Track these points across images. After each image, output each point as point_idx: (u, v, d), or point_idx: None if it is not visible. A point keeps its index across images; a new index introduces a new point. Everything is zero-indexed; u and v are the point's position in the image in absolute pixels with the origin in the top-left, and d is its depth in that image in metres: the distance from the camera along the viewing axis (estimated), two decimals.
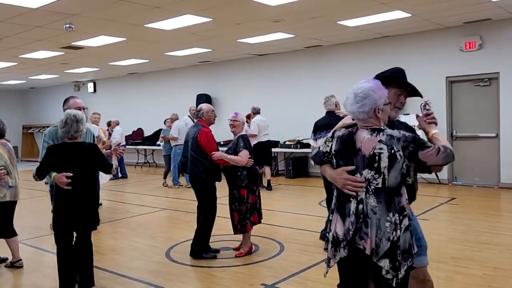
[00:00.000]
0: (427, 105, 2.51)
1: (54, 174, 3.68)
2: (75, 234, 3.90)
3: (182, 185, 10.31)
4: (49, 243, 5.65)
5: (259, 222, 5.08)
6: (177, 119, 10.61)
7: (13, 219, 4.89)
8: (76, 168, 3.71)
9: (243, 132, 5.10)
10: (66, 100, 4.36)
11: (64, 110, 4.11)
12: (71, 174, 3.66)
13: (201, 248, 4.95)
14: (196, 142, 4.90)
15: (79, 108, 4.16)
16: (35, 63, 12.17)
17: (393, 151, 2.22)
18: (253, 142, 9.53)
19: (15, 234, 4.87)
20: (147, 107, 15.29)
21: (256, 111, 10.05)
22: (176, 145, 10.11)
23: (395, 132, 2.27)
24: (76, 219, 3.74)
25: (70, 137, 3.74)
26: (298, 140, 11.16)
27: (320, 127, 5.80)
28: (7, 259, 4.98)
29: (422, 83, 9.74)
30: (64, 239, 3.82)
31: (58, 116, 10.64)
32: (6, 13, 7.00)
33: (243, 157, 4.82)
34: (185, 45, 10.33)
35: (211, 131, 5.08)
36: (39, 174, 3.76)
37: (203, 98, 13.25)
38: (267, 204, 7.15)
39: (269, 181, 9.55)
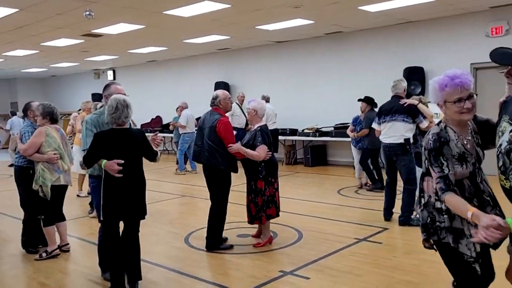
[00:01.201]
0: None
1: (104, 161, 3.55)
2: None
3: (188, 171, 10.70)
4: (74, 229, 5.75)
5: (277, 215, 4.92)
6: (187, 107, 10.76)
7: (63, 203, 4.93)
8: (126, 155, 3.57)
9: (262, 123, 4.88)
10: (107, 86, 4.14)
11: (105, 96, 3.98)
12: (123, 161, 3.53)
13: (217, 240, 4.85)
14: (214, 132, 4.67)
15: (121, 94, 3.90)
16: (55, 51, 12.30)
17: (421, 145, 2.54)
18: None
19: (64, 219, 4.92)
20: (165, 94, 15.34)
21: (266, 99, 10.16)
22: (185, 133, 10.42)
23: (431, 134, 2.39)
24: (126, 208, 3.62)
25: (120, 123, 3.59)
26: (317, 128, 11.06)
27: (385, 112, 5.68)
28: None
29: (446, 70, 9.56)
30: (114, 228, 3.71)
31: (78, 104, 10.67)
32: (27, 0, 7.05)
33: (260, 153, 4.63)
34: (203, 32, 10.28)
35: (228, 120, 4.93)
36: (88, 162, 3.61)
37: (221, 85, 13.18)
38: (285, 192, 7.11)
39: None
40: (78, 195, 8.08)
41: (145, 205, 3.78)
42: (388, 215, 5.79)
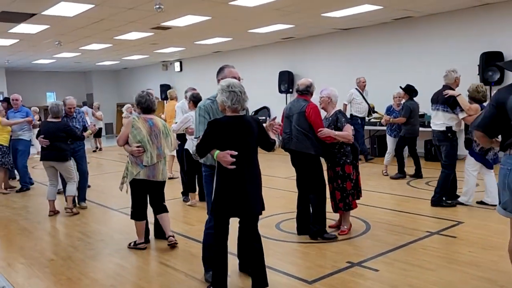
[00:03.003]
0: None
1: (217, 152, 3.26)
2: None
3: None
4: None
5: (358, 198, 4.97)
6: None
7: (151, 198, 4.75)
8: (241, 144, 3.27)
9: (337, 108, 4.92)
10: (221, 69, 3.89)
11: (219, 80, 3.69)
12: (236, 153, 3.23)
13: (322, 228, 4.84)
14: (303, 117, 4.69)
15: (236, 78, 3.66)
16: (127, 44, 12.87)
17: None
18: None
19: (161, 212, 4.74)
20: None
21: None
22: None
23: None
24: (239, 203, 3.28)
25: (236, 110, 3.29)
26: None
27: (432, 100, 6.05)
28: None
29: None
30: (224, 224, 3.38)
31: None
32: None
33: (350, 132, 4.72)
34: (268, 21, 10.28)
35: (317, 105, 4.86)
36: (200, 152, 3.34)
37: (286, 75, 13.18)
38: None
39: None
40: None
41: (261, 199, 3.44)
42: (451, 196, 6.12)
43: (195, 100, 6.12)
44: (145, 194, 4.65)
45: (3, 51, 13.31)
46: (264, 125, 3.62)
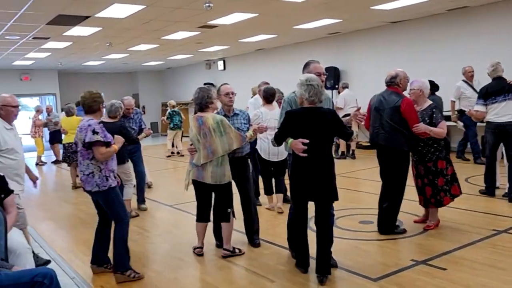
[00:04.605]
0: None
1: (290, 140, 3.61)
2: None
3: None
4: (191, 208, 6.00)
5: (460, 193, 4.88)
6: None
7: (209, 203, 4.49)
8: (313, 134, 3.54)
9: (429, 102, 4.80)
10: (307, 65, 4.15)
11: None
12: (307, 141, 3.51)
13: (392, 224, 4.77)
14: (397, 112, 4.56)
15: (319, 74, 3.93)
16: (173, 44, 13.07)
17: None
18: (340, 114, 9.50)
19: (224, 220, 4.37)
20: (274, 82, 15.36)
21: (345, 86, 10.93)
22: None
23: None
24: (311, 188, 3.58)
25: (313, 102, 3.56)
26: None
27: (495, 93, 5.90)
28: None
29: None
30: (300, 207, 3.72)
31: (192, 94, 11.35)
32: None
33: (444, 129, 4.64)
34: (315, 16, 10.15)
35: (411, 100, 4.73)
36: (277, 140, 3.72)
37: (332, 71, 13.00)
38: (409, 181, 6.77)
39: (353, 150, 10.61)
40: None
41: (332, 187, 3.63)
42: (494, 192, 6.14)
43: (265, 95, 5.94)
44: (202, 195, 4.43)
45: (57, 53, 13.86)
46: (350, 115, 4.01)
